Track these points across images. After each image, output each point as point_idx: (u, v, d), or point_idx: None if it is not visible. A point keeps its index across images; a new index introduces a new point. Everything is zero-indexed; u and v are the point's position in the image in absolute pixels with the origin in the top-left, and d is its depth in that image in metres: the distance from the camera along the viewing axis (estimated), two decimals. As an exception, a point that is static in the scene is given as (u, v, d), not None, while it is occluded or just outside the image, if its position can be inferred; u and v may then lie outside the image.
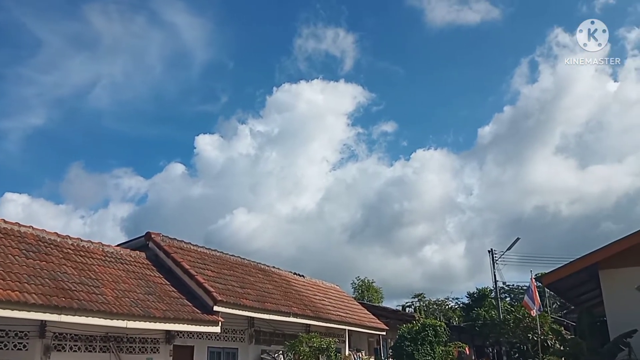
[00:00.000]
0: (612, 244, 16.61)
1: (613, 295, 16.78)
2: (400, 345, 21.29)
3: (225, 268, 16.52)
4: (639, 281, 16.36)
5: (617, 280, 16.76)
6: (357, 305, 25.46)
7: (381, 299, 52.14)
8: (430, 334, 21.42)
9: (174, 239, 15.77)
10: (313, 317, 18.16)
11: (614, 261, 16.63)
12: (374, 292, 51.98)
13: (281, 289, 18.53)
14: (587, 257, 16.91)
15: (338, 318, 20.07)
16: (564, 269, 17.61)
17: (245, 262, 18.83)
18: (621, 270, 16.72)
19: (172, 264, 14.45)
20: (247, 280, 16.81)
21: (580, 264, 17.08)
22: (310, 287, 21.71)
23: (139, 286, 12.55)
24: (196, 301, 13.37)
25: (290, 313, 16.68)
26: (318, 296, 21.13)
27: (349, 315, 21.63)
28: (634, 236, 16.39)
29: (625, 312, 16.20)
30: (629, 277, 16.53)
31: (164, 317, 11.71)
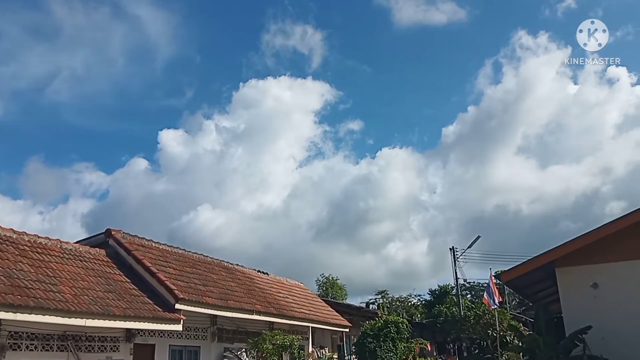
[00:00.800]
0: (568, 242, 17.10)
1: (569, 293, 17.27)
2: (363, 342, 21.48)
3: (187, 266, 16.36)
4: (594, 279, 16.93)
5: (573, 278, 17.26)
6: (321, 302, 25.55)
7: (345, 296, 52.51)
8: (392, 331, 21.67)
9: (135, 236, 15.53)
10: (276, 314, 18.15)
11: (570, 259, 17.11)
12: (338, 289, 52.27)
13: (244, 286, 18.46)
14: (544, 255, 17.37)
15: (302, 315, 20.10)
16: (522, 267, 18.04)
17: (208, 259, 18.68)
18: (577, 268, 17.23)
19: (133, 262, 14.23)
20: (210, 278, 16.68)
21: (537, 262, 17.53)
22: (274, 285, 21.68)
23: (99, 284, 12.32)
24: (157, 299, 13.20)
25: (254, 311, 16.63)
26: (282, 294, 21.12)
27: (312, 312, 21.69)
28: (589, 235, 16.91)
29: (581, 309, 16.70)
30: (584, 274, 17.06)
31: (124, 315, 11.52)
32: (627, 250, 16.60)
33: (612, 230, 16.66)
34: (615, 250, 16.74)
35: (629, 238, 16.64)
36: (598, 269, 16.89)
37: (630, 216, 16.80)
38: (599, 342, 15.64)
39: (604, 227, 16.90)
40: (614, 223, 16.88)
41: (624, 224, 16.62)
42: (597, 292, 16.78)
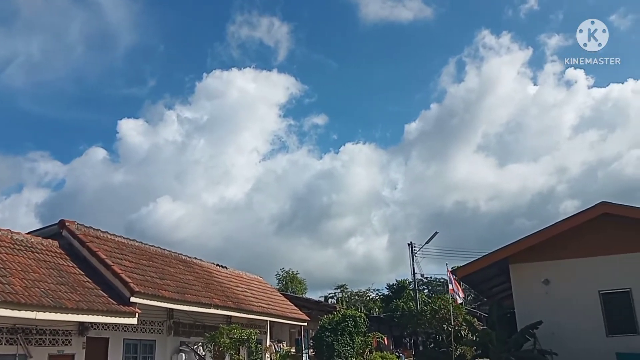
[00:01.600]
0: (521, 240, 17.60)
1: (521, 288, 17.80)
2: (320, 336, 21.58)
3: (144, 258, 16.11)
4: (546, 275, 17.49)
5: (526, 274, 17.79)
6: (279, 296, 25.55)
7: (305, 290, 52.66)
8: (350, 325, 21.82)
9: (90, 227, 15.19)
10: (234, 308, 18.05)
11: (523, 256, 17.63)
12: (298, 283, 52.37)
13: (202, 280, 18.30)
14: (499, 251, 17.85)
15: (260, 309, 20.06)
16: (477, 263, 18.49)
17: (166, 252, 18.43)
18: (529, 265, 17.77)
19: (87, 254, 13.91)
20: (167, 272, 16.47)
21: (492, 258, 17.99)
22: (232, 279, 21.56)
23: (51, 276, 12.00)
24: (112, 292, 12.95)
25: (211, 305, 16.50)
26: (240, 287, 21.03)
27: (271, 306, 21.67)
28: (541, 233, 17.45)
29: (532, 305, 17.24)
30: (536, 271, 17.61)
31: (76, 308, 11.26)
32: (577, 248, 17.23)
33: (563, 229, 17.26)
34: (566, 247, 17.35)
35: (579, 236, 17.27)
36: (549, 266, 17.48)
37: (579, 216, 17.43)
38: (549, 337, 16.19)
39: (555, 225, 17.48)
40: (565, 222, 17.48)
41: (574, 223, 17.24)
42: (548, 288, 17.37)
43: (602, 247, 17.00)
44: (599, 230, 17.13)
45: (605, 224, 17.03)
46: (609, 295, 16.89)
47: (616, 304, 16.74)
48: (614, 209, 17.00)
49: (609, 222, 16.98)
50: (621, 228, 16.92)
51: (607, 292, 16.91)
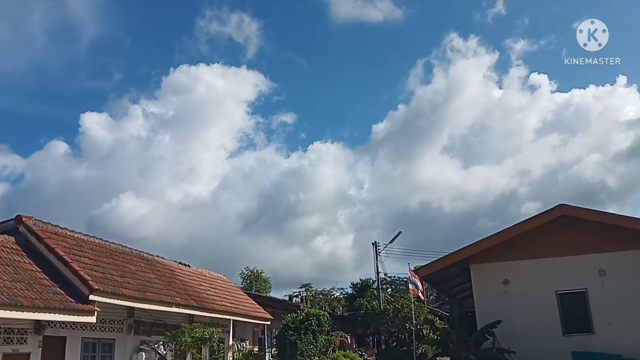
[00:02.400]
0: (482, 240, 17.91)
1: (482, 288, 18.11)
2: (284, 335, 21.52)
3: (104, 256, 15.79)
4: (506, 275, 17.84)
5: (486, 274, 18.11)
6: (243, 295, 25.40)
7: (269, 288, 52.49)
8: (313, 324, 21.81)
9: (48, 223, 14.80)
10: (197, 307, 17.87)
11: (483, 256, 17.94)
12: (263, 282, 52.16)
13: (164, 278, 18.05)
14: (460, 251, 18.11)
15: (223, 308, 19.91)
16: (439, 262, 18.72)
17: (127, 250, 18.11)
18: (490, 265, 18.09)
19: (45, 250, 13.55)
20: (128, 269, 16.19)
21: (453, 258, 18.25)
22: (195, 277, 21.33)
23: (6, 272, 11.66)
24: (70, 290, 12.65)
25: (173, 303, 16.29)
26: (203, 286, 20.83)
27: (234, 305, 21.53)
28: (502, 234, 17.79)
29: (492, 304, 17.56)
30: (496, 271, 17.94)
31: (32, 306, 10.96)
32: (535, 249, 17.64)
33: (523, 230, 17.64)
34: (525, 248, 17.74)
35: (538, 238, 17.68)
36: (509, 266, 17.84)
37: (538, 217, 17.85)
38: (508, 335, 16.52)
39: (515, 226, 17.86)
40: (524, 223, 17.87)
41: (533, 224, 17.63)
42: (508, 288, 17.72)
43: (560, 248, 17.44)
44: (558, 232, 17.56)
45: (563, 226, 17.47)
46: (565, 296, 17.34)
47: (572, 304, 17.19)
48: (572, 212, 17.46)
49: (567, 224, 17.43)
50: (578, 230, 17.39)
51: (564, 292, 17.35)
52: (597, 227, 17.06)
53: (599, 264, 17.07)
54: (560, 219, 17.39)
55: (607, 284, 16.92)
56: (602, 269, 17.05)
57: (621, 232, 16.70)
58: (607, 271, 16.98)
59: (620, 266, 16.85)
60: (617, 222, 16.97)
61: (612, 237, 16.92)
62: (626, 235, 16.57)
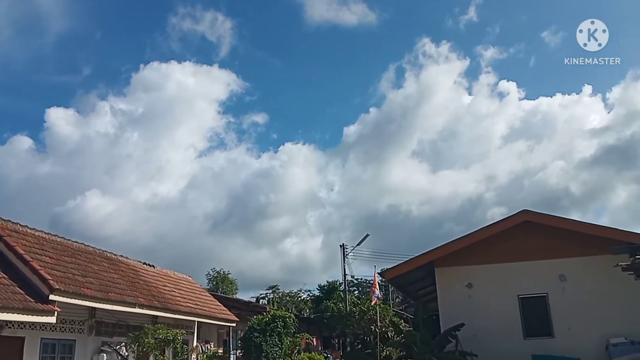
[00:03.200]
0: (447, 244, 18.14)
1: (446, 291, 18.34)
2: (249, 337, 21.41)
3: (66, 255, 15.47)
4: (469, 279, 18.10)
5: (450, 278, 18.34)
6: (208, 296, 25.20)
7: (236, 290, 52.16)
8: (279, 326, 21.76)
9: (8, 220, 14.43)
10: (161, 308, 17.65)
11: (448, 260, 18.17)
12: (229, 283, 51.81)
13: (128, 278, 17.78)
14: (425, 255, 18.31)
15: (187, 309, 19.71)
16: (404, 265, 18.90)
17: (90, 249, 17.78)
18: (454, 269, 18.33)
19: (3, 248, 13.20)
20: (90, 269, 15.89)
21: (418, 261, 18.44)
22: (160, 278, 21.07)
23: (-38, 272, 11.35)
24: (30, 289, 12.35)
25: (136, 304, 16.06)
26: (168, 287, 20.59)
27: (199, 306, 21.34)
28: (466, 238, 18.06)
29: (455, 307, 17.79)
30: (460, 275, 18.20)
31: (-11, 306, 10.69)
32: (499, 253, 17.96)
33: (487, 235, 17.96)
34: (489, 253, 18.05)
35: (501, 242, 18.02)
36: (473, 270, 18.12)
37: (502, 222, 18.19)
38: (470, 338, 16.77)
39: (480, 231, 18.16)
40: (488, 228, 18.19)
41: (497, 229, 17.96)
42: (471, 292, 17.99)
43: (522, 253, 17.78)
44: (521, 237, 17.91)
45: (526, 231, 17.82)
46: (527, 300, 17.68)
47: (533, 308, 17.54)
48: (535, 217, 17.82)
49: (530, 230, 17.78)
50: (541, 236, 17.75)
51: (526, 296, 17.69)
52: (559, 233, 17.45)
53: (559, 269, 17.46)
54: (523, 224, 17.73)
55: (567, 288, 17.31)
56: (562, 274, 17.44)
57: (581, 238, 17.11)
58: (567, 276, 17.37)
59: (580, 272, 17.25)
60: (577, 229, 17.40)
61: (572, 243, 17.31)
62: (586, 242, 16.97)
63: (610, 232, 16.88)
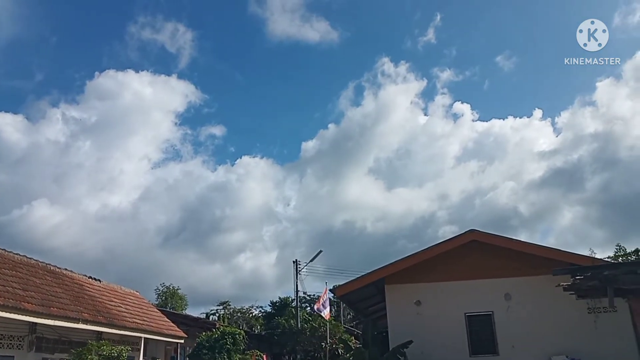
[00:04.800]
0: (397, 262, 18.35)
1: (395, 309, 18.51)
2: (197, 354, 21.10)
3: (6, 267, 14.89)
4: (418, 296, 18.34)
5: (400, 295, 18.54)
6: (156, 312, 24.65)
7: (186, 306, 51.27)
8: (228, 342, 21.54)
9: (-55, 231, 13.86)
10: (106, 324, 17.16)
11: (398, 277, 18.38)
12: (179, 299, 50.90)
13: (72, 293, 17.24)
14: (376, 272, 18.47)
15: (134, 325, 19.23)
16: (355, 282, 19.00)
17: (32, 262, 17.17)
18: (403, 286, 18.54)
19: (-61, 260, 12.67)
20: (32, 282, 15.34)
21: (369, 278, 18.58)
22: (106, 293, 20.51)
23: None
24: (-35, 303, 11.86)
25: (80, 319, 15.57)
26: (114, 302, 20.05)
27: (146, 322, 20.84)
28: (416, 256, 18.32)
29: (404, 324, 17.96)
30: (409, 292, 18.42)
31: None
32: (447, 271, 18.30)
33: (436, 253, 18.28)
34: (438, 271, 18.35)
35: (450, 261, 18.37)
36: (422, 288, 18.37)
37: (450, 241, 18.55)
38: (418, 356, 16.95)
39: (429, 249, 18.47)
40: (437, 246, 18.52)
41: (445, 247, 18.31)
42: (420, 309, 18.21)
43: (470, 271, 18.14)
44: (468, 255, 18.28)
45: (474, 250, 18.21)
46: (473, 318, 17.99)
47: (479, 326, 17.87)
48: (482, 237, 18.24)
49: (477, 249, 18.18)
50: (488, 255, 18.16)
51: (472, 314, 18.02)
52: (505, 252, 17.90)
53: (505, 288, 17.86)
54: (471, 243, 18.13)
55: (512, 307, 17.73)
56: (507, 293, 17.86)
57: (526, 258, 17.58)
58: (512, 295, 17.79)
59: (525, 291, 17.70)
60: (522, 249, 17.88)
61: (518, 262, 17.76)
62: (531, 262, 17.42)
63: (553, 252, 17.43)
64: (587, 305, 15.54)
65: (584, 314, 16.17)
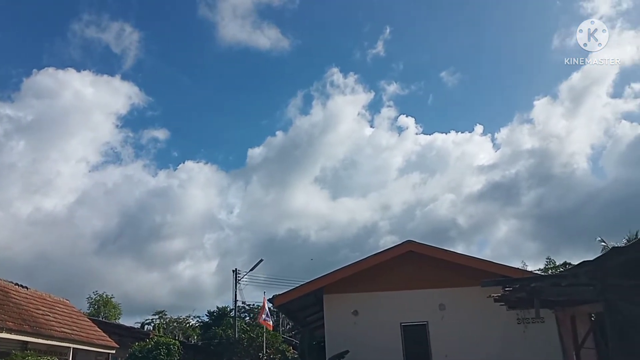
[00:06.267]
0: (336, 271, 18.48)
1: (332, 318, 18.59)
2: (129, 365, 20.48)
3: None
4: (355, 306, 18.49)
5: (338, 305, 18.65)
6: (87, 321, 23.76)
7: (119, 315, 49.65)
8: (162, 353, 21.06)
9: None
10: (32, 333, 16.42)
11: (336, 287, 18.49)
12: (112, 308, 49.23)
13: (-4, 300, 16.43)
14: (314, 282, 18.53)
15: (62, 335, 18.47)
16: (293, 292, 18.98)
17: (-46, 268, 16.30)
18: (342, 296, 18.67)
19: None
20: (-48, 289, 14.54)
21: (308, 288, 18.61)
22: (33, 301, 19.62)
23: None
24: None
25: (4, 328, 14.85)
26: (41, 310, 19.21)
27: (75, 332, 20.06)
28: (354, 266, 18.52)
29: (341, 334, 18.05)
30: (347, 302, 18.56)
31: None
32: (384, 281, 18.56)
33: (373, 263, 18.53)
34: (375, 281, 18.58)
35: (387, 271, 18.66)
36: (359, 298, 18.55)
37: (388, 252, 18.87)
38: (354, 365, 17.03)
39: (367, 259, 18.71)
40: (375, 257, 18.78)
41: (383, 258, 18.59)
42: (357, 319, 18.37)
43: (406, 282, 18.45)
44: (405, 266, 18.61)
45: (410, 261, 18.55)
46: (408, 328, 18.27)
47: (414, 335, 18.15)
48: (418, 248, 18.61)
49: (414, 260, 18.52)
50: (423, 266, 18.53)
51: (408, 324, 18.30)
52: (440, 263, 18.32)
53: (439, 298, 18.26)
54: (408, 254, 18.45)
55: (445, 317, 18.11)
56: (442, 304, 18.25)
57: (461, 269, 18.03)
58: (446, 305, 18.20)
59: (458, 301, 18.13)
60: (457, 260, 18.35)
61: (452, 273, 18.20)
62: (465, 273, 17.87)
63: (485, 264, 17.97)
64: (517, 316, 16.06)
65: (514, 324, 16.70)
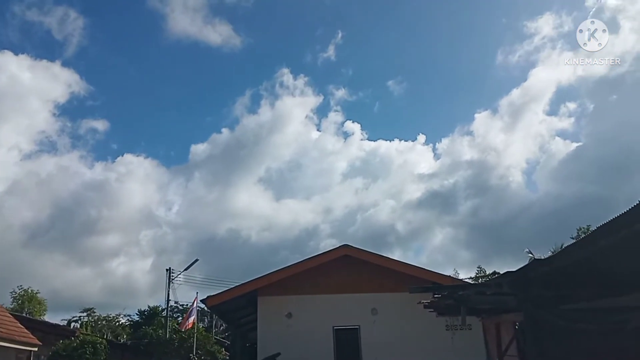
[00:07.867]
0: (271, 273, 18.48)
1: (266, 320, 18.57)
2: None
3: None
4: (290, 309, 18.53)
5: (272, 307, 18.64)
6: (8, 317, 22.62)
7: (44, 311, 47.70)
8: (88, 352, 20.33)
9: None
10: (-55, 328, 15.54)
11: (271, 289, 18.48)
12: (37, 303, 47.24)
13: None
14: (249, 283, 18.46)
15: (-21, 331, 17.58)
16: (227, 293, 18.83)
17: None
18: (276, 298, 18.67)
19: None
20: None
21: (242, 289, 18.51)
22: (-50, 294, 18.60)
23: None
24: None
25: None
26: (-42, 304, 18.22)
27: (-6, 328, 19.12)
28: (289, 269, 18.58)
29: (274, 336, 18.06)
30: (281, 304, 18.58)
31: None
32: (318, 285, 18.72)
33: (308, 266, 18.65)
34: (310, 284, 18.70)
35: (322, 274, 18.82)
36: (293, 300, 18.61)
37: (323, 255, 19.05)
38: (285, 367, 17.04)
39: (302, 262, 18.83)
40: (310, 260, 18.93)
41: (318, 261, 18.76)
42: (291, 322, 18.41)
43: (340, 286, 18.65)
44: (340, 270, 18.80)
45: (345, 265, 18.75)
46: (341, 331, 18.46)
47: (346, 339, 18.35)
48: (353, 252, 18.85)
49: (349, 264, 18.74)
50: (358, 270, 18.80)
51: (340, 328, 18.48)
52: (374, 268, 18.62)
53: (372, 303, 18.54)
54: (343, 258, 18.65)
55: (377, 322, 18.39)
56: (374, 308, 18.53)
57: (393, 275, 18.37)
58: (378, 310, 18.49)
59: (390, 306, 18.43)
60: (390, 266, 18.70)
61: (386, 279, 18.52)
62: (397, 278, 18.18)
63: (418, 270, 18.42)
64: (446, 323, 16.47)
65: (442, 330, 17.08)
